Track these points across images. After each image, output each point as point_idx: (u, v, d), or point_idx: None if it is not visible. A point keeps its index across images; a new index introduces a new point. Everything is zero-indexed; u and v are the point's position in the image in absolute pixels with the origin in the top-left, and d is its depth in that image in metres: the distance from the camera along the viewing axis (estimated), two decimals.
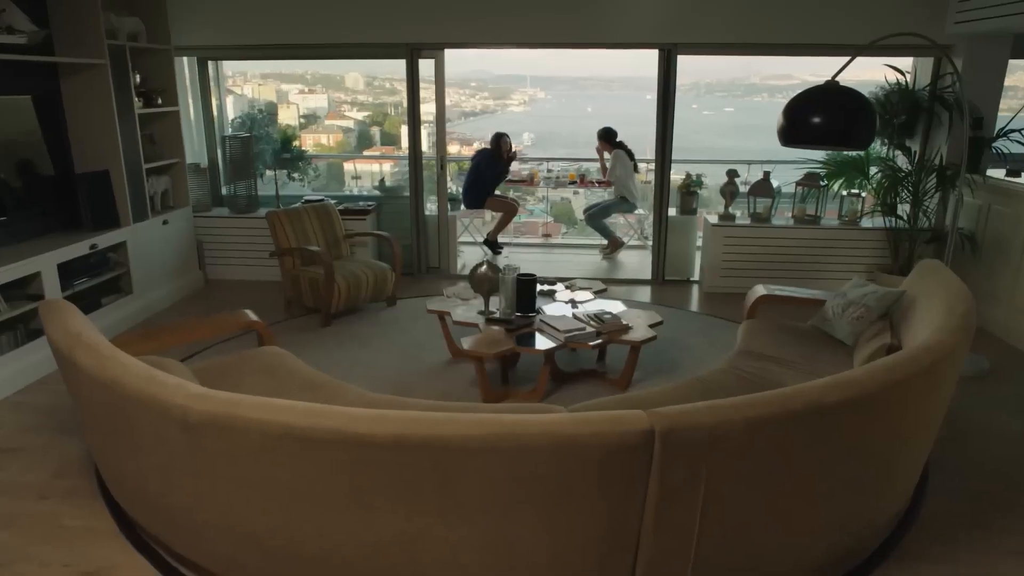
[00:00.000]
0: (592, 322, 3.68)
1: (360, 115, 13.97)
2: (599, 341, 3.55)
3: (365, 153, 11.72)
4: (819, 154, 5.70)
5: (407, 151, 5.82)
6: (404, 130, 5.96)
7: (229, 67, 6.62)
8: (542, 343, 3.52)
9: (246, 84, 11.21)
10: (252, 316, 3.37)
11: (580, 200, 9.22)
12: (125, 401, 2.06)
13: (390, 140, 12.60)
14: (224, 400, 1.90)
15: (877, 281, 5.15)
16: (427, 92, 5.83)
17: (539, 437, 1.75)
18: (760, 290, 3.79)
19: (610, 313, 3.78)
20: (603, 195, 7.29)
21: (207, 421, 1.88)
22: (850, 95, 2.83)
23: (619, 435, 1.76)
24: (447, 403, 2.74)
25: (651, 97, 5.71)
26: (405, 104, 5.79)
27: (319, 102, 14.01)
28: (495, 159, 6.66)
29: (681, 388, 2.90)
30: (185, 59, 5.91)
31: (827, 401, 1.94)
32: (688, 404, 1.87)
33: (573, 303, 4.13)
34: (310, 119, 13.40)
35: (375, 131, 13.50)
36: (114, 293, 4.68)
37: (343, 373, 4.00)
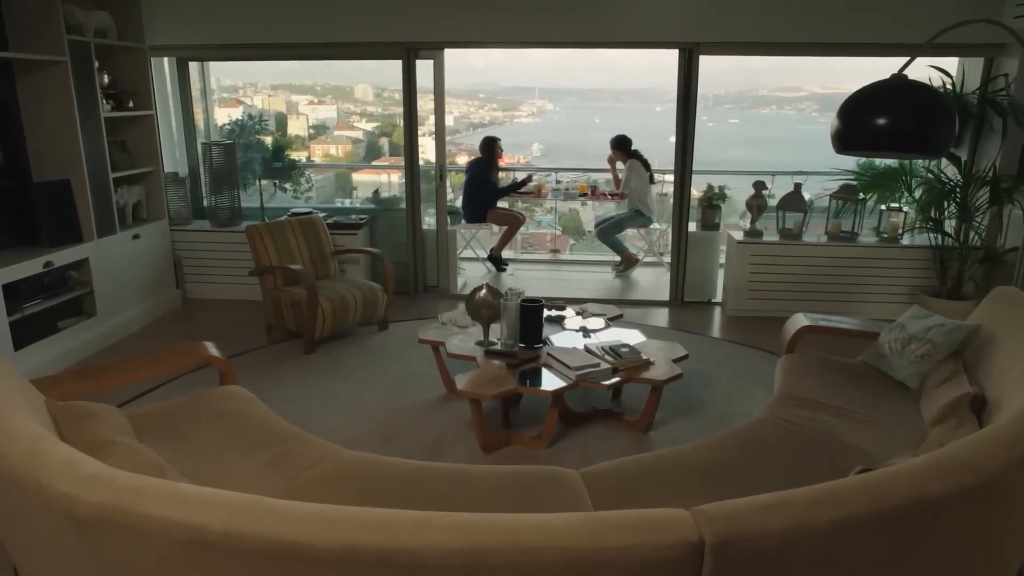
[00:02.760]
0: (607, 356, 3.19)
1: (369, 126, 13.89)
2: (615, 380, 3.06)
3: (374, 163, 11.40)
4: (849, 164, 5.22)
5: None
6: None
7: (240, 78, 6.21)
8: (550, 382, 3.03)
9: (256, 95, 10.99)
10: (212, 350, 2.89)
11: (588, 211, 8.76)
12: (3, 480, 1.58)
13: (399, 151, 12.32)
14: (122, 487, 1.42)
15: (924, 305, 4.64)
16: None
17: (546, 552, 1.26)
18: (802, 320, 3.28)
19: (627, 345, 3.29)
20: (612, 208, 6.82)
21: (99, 517, 1.40)
22: (923, 91, 2.34)
23: (656, 549, 1.27)
24: (433, 465, 2.25)
25: (660, 109, 5.27)
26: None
27: (328, 113, 13.97)
28: (490, 166, 6.20)
29: (716, 445, 2.40)
30: (166, 60, 5.47)
31: (932, 493, 1.44)
32: (749, 501, 1.37)
33: (585, 331, 3.65)
34: (319, 129, 13.26)
35: (384, 142, 13.38)
36: (74, 316, 4.22)
37: (322, 410, 3.52)
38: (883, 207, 5.05)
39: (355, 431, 3.31)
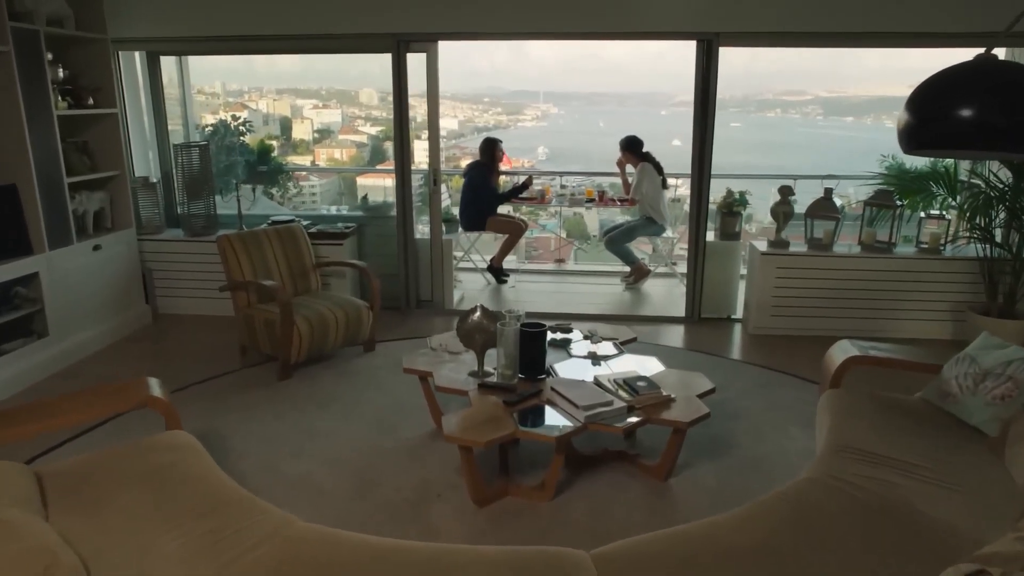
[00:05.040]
0: (621, 392, 2.73)
1: (374, 130, 13.80)
2: (632, 420, 2.59)
3: (379, 167, 11.17)
4: (874, 167, 4.76)
5: (414, 164, 4.91)
6: (417, 144, 5.08)
7: (245, 81, 5.79)
8: (554, 422, 2.56)
9: (261, 99, 10.73)
10: (154, 389, 2.43)
11: (593, 215, 8.33)
12: None
13: None
14: None
15: (971, 323, 4.17)
16: (442, 107, 4.87)
17: None
18: (849, 349, 2.81)
19: (645, 379, 2.82)
20: (617, 214, 6.35)
21: None
22: (1020, 73, 1.88)
23: None
24: (406, 545, 1.79)
25: (666, 113, 4.81)
26: (419, 117, 4.92)
27: (333, 117, 13.68)
28: (490, 170, 5.75)
29: (757, 515, 1.93)
30: (137, 55, 5.03)
31: None
32: None
33: (594, 358, 3.18)
34: (324, 133, 13.12)
35: (388, 146, 13.26)
36: (22, 337, 3.78)
37: (292, 452, 3.06)
38: (922, 214, 4.58)
39: (328, 479, 2.85)
